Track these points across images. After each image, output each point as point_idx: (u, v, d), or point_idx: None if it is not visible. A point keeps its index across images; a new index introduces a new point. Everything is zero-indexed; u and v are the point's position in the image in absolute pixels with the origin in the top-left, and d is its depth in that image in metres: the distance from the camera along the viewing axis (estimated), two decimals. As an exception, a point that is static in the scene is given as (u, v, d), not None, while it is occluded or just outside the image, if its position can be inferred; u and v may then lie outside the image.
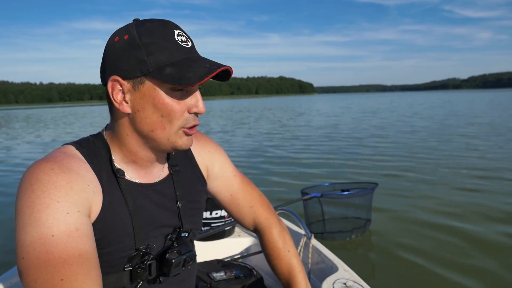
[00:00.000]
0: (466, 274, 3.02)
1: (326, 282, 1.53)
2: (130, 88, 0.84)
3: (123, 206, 0.87)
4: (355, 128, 14.91)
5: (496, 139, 10.30)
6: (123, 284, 0.89)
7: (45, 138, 15.42)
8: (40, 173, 0.77)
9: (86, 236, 0.76)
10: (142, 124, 0.85)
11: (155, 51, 0.81)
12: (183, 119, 0.86)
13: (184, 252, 0.93)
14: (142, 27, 0.83)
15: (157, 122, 0.85)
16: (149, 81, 0.82)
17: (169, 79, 0.80)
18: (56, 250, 0.72)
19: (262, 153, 9.38)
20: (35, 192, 0.75)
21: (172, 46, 0.82)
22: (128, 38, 0.82)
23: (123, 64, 0.82)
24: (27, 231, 0.72)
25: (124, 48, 0.82)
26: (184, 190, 1.02)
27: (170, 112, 0.84)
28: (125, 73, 0.83)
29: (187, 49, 0.85)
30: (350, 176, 6.48)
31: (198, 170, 1.08)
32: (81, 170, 0.82)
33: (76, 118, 33.22)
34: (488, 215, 4.31)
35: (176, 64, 0.82)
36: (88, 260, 0.74)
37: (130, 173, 0.92)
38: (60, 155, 0.83)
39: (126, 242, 0.87)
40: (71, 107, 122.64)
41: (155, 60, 0.81)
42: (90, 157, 0.87)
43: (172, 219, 0.97)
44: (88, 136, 0.94)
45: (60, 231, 0.73)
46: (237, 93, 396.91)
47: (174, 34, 0.84)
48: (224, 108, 47.93)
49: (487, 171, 6.46)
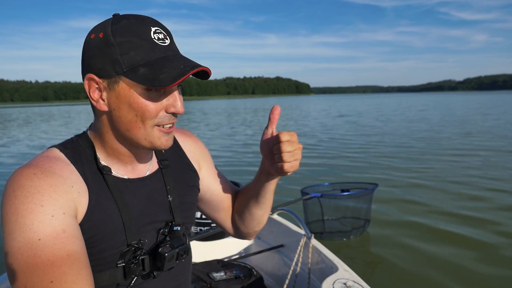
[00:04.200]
0: (465, 274, 3.04)
1: (326, 282, 1.54)
2: (106, 87, 0.83)
3: (111, 203, 0.87)
4: (357, 129, 14.94)
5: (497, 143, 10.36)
6: (117, 280, 0.88)
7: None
8: (22, 179, 0.77)
9: (74, 237, 0.76)
10: (119, 123, 0.85)
11: (129, 50, 0.80)
12: (157, 118, 0.85)
13: (177, 246, 0.93)
14: (117, 25, 0.81)
15: (132, 121, 0.84)
16: (123, 81, 0.81)
17: (142, 80, 0.79)
18: (43, 253, 0.72)
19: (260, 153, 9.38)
20: (18, 198, 0.75)
21: (147, 45, 0.81)
22: (103, 36, 0.81)
23: (98, 63, 0.82)
24: (14, 237, 0.72)
25: (98, 47, 0.81)
26: (175, 184, 1.01)
27: (145, 113, 0.83)
28: (100, 72, 0.82)
29: (164, 47, 0.83)
30: (350, 176, 6.49)
31: (189, 164, 1.08)
32: (64, 172, 0.82)
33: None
34: (487, 217, 4.32)
35: (150, 64, 0.80)
36: (77, 260, 0.74)
37: (116, 169, 0.92)
38: (42, 159, 0.83)
39: (117, 238, 0.86)
40: (66, 105, 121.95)
41: (129, 59, 0.80)
42: (75, 157, 0.87)
43: (164, 213, 0.97)
44: (73, 136, 0.94)
45: (46, 234, 0.73)
46: (234, 93, 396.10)
47: (150, 31, 0.82)
48: (220, 107, 47.85)
49: (487, 172, 6.50)
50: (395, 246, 3.60)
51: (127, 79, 0.81)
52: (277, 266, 2.16)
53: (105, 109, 0.85)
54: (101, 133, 0.89)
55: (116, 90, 0.82)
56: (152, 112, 0.83)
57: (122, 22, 0.82)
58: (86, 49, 0.84)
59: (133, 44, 0.80)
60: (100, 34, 0.82)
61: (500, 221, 4.20)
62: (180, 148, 1.09)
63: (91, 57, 0.83)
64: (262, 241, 2.30)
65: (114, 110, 0.84)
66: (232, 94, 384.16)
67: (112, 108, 0.84)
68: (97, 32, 0.83)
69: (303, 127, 16.45)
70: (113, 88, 0.82)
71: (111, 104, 0.84)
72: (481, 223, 4.13)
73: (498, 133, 12.14)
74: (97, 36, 0.82)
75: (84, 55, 0.85)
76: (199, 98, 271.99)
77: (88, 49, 0.84)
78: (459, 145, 9.58)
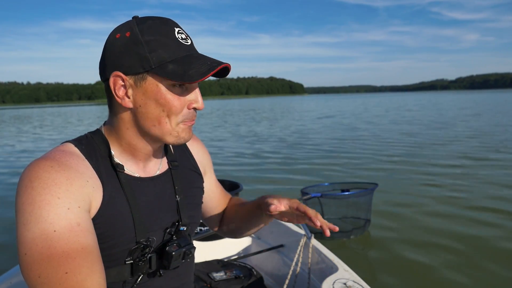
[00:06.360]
0: (465, 274, 3.05)
1: (326, 282, 1.54)
2: (132, 84, 0.85)
3: (123, 200, 0.89)
4: (357, 129, 14.99)
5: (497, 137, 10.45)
6: (124, 277, 0.90)
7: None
8: (40, 171, 0.78)
9: (88, 231, 0.78)
10: (144, 119, 0.87)
11: (157, 48, 0.83)
12: (182, 115, 0.88)
13: (183, 245, 0.95)
14: (143, 24, 0.85)
15: (159, 117, 0.87)
16: (151, 78, 0.84)
17: (172, 75, 0.83)
18: (58, 244, 0.73)
19: (260, 153, 9.38)
20: (35, 189, 0.76)
21: (173, 44, 0.85)
22: (130, 35, 0.84)
23: (125, 61, 0.84)
24: (29, 228, 0.73)
25: (126, 45, 0.84)
26: (183, 184, 1.04)
27: (171, 108, 0.86)
28: (128, 69, 0.84)
29: (187, 46, 0.87)
30: (350, 176, 6.51)
31: (196, 167, 1.12)
32: (80, 167, 0.84)
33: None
34: (489, 218, 4.34)
35: (177, 61, 0.84)
36: (90, 253, 0.75)
37: (129, 167, 0.93)
38: (59, 153, 0.84)
39: (127, 235, 0.88)
40: (59, 107, 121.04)
41: (157, 57, 0.83)
42: (89, 153, 0.89)
43: (171, 213, 0.99)
44: (86, 133, 0.96)
45: (61, 226, 0.74)
46: (227, 93, 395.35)
47: (174, 31, 0.86)
48: (215, 108, 47.75)
49: (487, 172, 6.54)
50: (395, 246, 3.62)
51: (155, 75, 0.84)
52: (277, 266, 2.16)
53: (130, 106, 0.87)
54: (120, 129, 0.91)
55: (143, 86, 0.85)
56: (177, 108, 0.87)
57: (148, 22, 0.85)
58: (110, 48, 0.87)
59: (161, 42, 0.84)
60: (127, 33, 0.85)
61: (501, 223, 4.23)
62: (188, 151, 1.13)
63: (117, 56, 0.85)
64: (262, 241, 2.30)
65: (140, 107, 0.87)
66: (225, 95, 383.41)
67: (138, 105, 0.87)
68: (123, 32, 0.86)
69: (304, 127, 16.48)
70: (140, 85, 0.85)
71: (137, 101, 0.86)
72: (482, 224, 4.15)
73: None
74: (123, 35, 0.85)
75: (107, 55, 0.87)
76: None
77: (113, 48, 0.86)
78: (465, 146, 9.61)
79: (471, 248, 3.54)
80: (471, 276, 3.02)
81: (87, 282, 0.73)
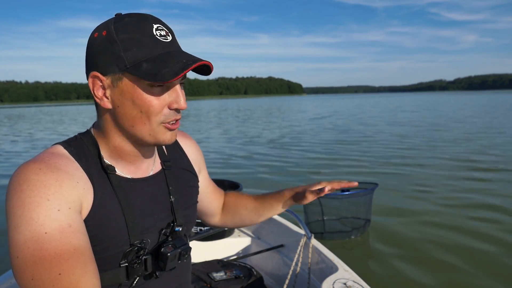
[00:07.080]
0: (465, 274, 3.05)
1: (326, 282, 1.54)
2: (109, 84, 0.84)
3: (115, 202, 0.88)
4: (356, 128, 15.00)
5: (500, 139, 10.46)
6: (119, 280, 0.89)
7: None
8: (28, 173, 0.77)
9: (79, 232, 0.77)
10: (123, 120, 0.86)
11: (132, 47, 0.81)
12: (162, 115, 0.86)
13: (179, 246, 0.94)
14: (120, 23, 0.83)
15: (137, 117, 0.85)
16: (127, 78, 0.83)
17: (145, 75, 0.80)
18: (50, 246, 0.72)
19: (260, 153, 9.38)
20: (24, 191, 0.75)
21: (149, 41, 0.82)
22: (106, 34, 0.83)
23: (102, 60, 0.83)
24: (20, 231, 0.73)
25: (102, 44, 0.83)
26: (177, 185, 1.03)
27: (149, 108, 0.84)
28: (104, 69, 0.83)
29: (166, 43, 0.84)
30: (350, 175, 6.51)
31: (190, 166, 1.11)
32: (69, 169, 0.83)
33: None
34: (490, 218, 4.34)
35: (153, 59, 0.81)
36: (83, 254, 0.75)
37: (120, 168, 0.92)
38: (47, 155, 0.84)
39: (120, 238, 0.87)
40: (57, 106, 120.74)
41: (132, 56, 0.81)
42: (79, 155, 0.88)
43: (166, 214, 0.98)
44: (77, 134, 0.94)
45: (52, 228, 0.73)
46: (226, 93, 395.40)
47: (152, 28, 0.84)
48: (213, 108, 47.73)
49: (488, 172, 6.55)
50: (395, 246, 3.61)
51: (130, 75, 0.82)
52: (277, 266, 2.16)
53: (109, 106, 0.86)
54: (105, 131, 0.90)
55: (119, 86, 0.83)
56: (156, 108, 0.84)
57: (124, 20, 0.83)
58: (89, 48, 0.86)
59: (136, 40, 0.81)
60: (103, 32, 0.83)
61: (501, 219, 4.24)
62: (182, 150, 1.11)
63: (95, 55, 0.84)
64: (262, 241, 2.30)
65: (118, 107, 0.85)
66: (224, 94, 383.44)
67: (116, 105, 0.85)
68: (100, 31, 0.84)
69: (303, 127, 16.48)
70: (117, 85, 0.84)
71: (115, 101, 0.85)
72: (482, 223, 4.16)
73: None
74: (100, 34, 0.84)
75: (87, 54, 0.87)
76: (192, 98, 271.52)
77: (92, 48, 0.85)
78: (463, 147, 9.63)
79: (472, 248, 3.55)
80: (472, 276, 3.02)
81: (81, 283, 0.72)
